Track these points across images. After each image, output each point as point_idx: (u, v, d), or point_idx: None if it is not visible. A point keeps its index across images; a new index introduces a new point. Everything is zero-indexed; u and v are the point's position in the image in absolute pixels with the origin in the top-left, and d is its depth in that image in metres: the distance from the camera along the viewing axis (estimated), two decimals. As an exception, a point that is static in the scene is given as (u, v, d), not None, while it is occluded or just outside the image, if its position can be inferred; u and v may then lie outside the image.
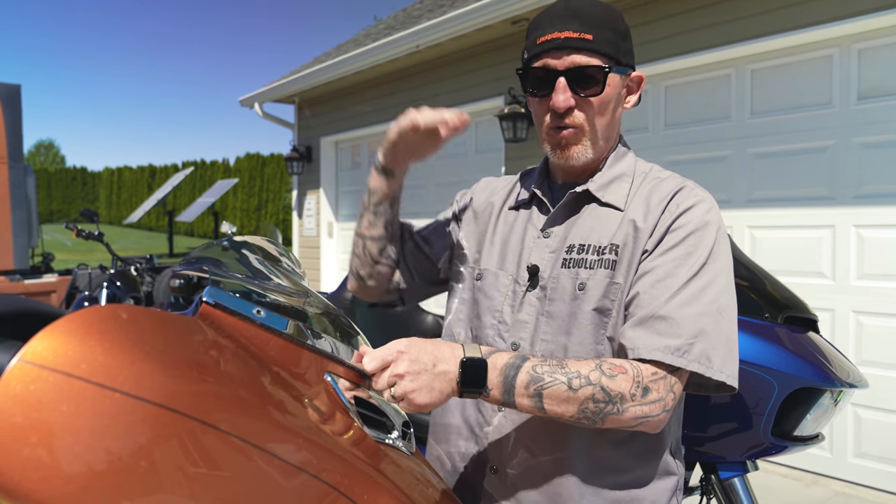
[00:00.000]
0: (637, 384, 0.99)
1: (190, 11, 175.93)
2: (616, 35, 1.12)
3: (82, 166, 37.52)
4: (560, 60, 1.10)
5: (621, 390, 0.98)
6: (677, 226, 1.08)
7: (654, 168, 1.22)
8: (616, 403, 0.98)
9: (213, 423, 0.63)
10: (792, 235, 3.87)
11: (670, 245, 1.07)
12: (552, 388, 0.97)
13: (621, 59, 1.13)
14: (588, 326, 1.10)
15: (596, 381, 0.97)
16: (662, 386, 1.00)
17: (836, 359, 1.76)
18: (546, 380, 0.97)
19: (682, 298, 1.02)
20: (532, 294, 1.17)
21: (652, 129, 4.55)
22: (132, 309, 0.64)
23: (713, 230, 1.09)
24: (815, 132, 3.77)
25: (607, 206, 1.16)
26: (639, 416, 0.99)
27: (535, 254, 1.19)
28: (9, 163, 8.19)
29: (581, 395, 0.97)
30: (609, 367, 0.99)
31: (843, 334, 3.65)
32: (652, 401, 0.99)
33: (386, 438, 0.92)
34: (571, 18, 1.10)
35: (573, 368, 0.98)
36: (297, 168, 7.96)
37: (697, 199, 1.11)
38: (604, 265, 1.10)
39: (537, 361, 0.99)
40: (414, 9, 7.71)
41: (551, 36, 1.10)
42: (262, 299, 0.88)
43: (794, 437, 1.75)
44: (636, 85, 1.20)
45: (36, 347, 0.56)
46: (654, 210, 1.11)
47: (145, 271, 6.27)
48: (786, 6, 3.76)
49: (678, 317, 1.01)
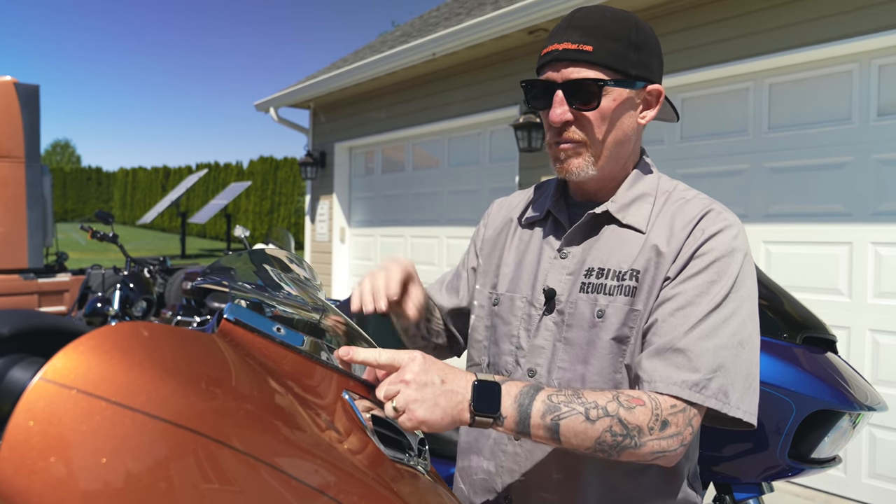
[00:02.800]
0: (656, 417, 0.95)
1: (208, 16, 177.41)
2: (625, 46, 1.06)
3: (97, 166, 37.87)
4: (559, 73, 1.07)
5: (639, 423, 0.94)
6: (702, 252, 1.04)
7: (678, 186, 1.17)
8: (634, 437, 0.94)
9: (232, 444, 0.63)
10: (808, 252, 3.83)
11: (694, 272, 1.03)
12: (569, 419, 0.94)
13: (630, 70, 1.07)
14: (606, 356, 1.07)
15: (614, 413, 0.94)
16: (681, 420, 0.97)
17: (855, 381, 1.74)
18: (563, 409, 0.94)
19: (703, 330, 0.99)
20: (549, 318, 1.14)
21: (668, 142, 4.53)
22: (153, 327, 0.64)
23: (740, 257, 1.05)
24: (834, 148, 3.74)
25: (628, 227, 1.12)
26: (656, 451, 0.96)
27: (551, 275, 1.16)
28: (26, 162, 8.27)
29: (598, 427, 0.94)
30: (627, 399, 0.96)
31: (860, 353, 3.61)
32: (670, 435, 0.96)
33: (402, 457, 0.91)
34: (574, 30, 1.06)
35: (590, 399, 0.95)
36: (310, 173, 7.99)
37: (725, 224, 1.06)
38: (623, 291, 1.07)
39: (552, 391, 0.96)
40: (431, 16, 7.73)
41: (552, 48, 1.07)
42: (281, 315, 0.87)
43: (811, 459, 1.73)
44: (654, 99, 1.14)
45: (57, 366, 0.56)
46: (679, 234, 1.07)
47: (158, 273, 6.31)
48: (806, 21, 3.74)
49: (697, 350, 0.98)
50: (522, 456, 1.14)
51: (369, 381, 0.96)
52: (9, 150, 8.11)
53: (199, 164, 27.61)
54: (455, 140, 6.42)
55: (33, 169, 8.36)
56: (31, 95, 8.27)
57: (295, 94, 7.66)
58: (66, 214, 35.09)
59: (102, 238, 4.91)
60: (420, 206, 6.85)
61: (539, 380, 1.14)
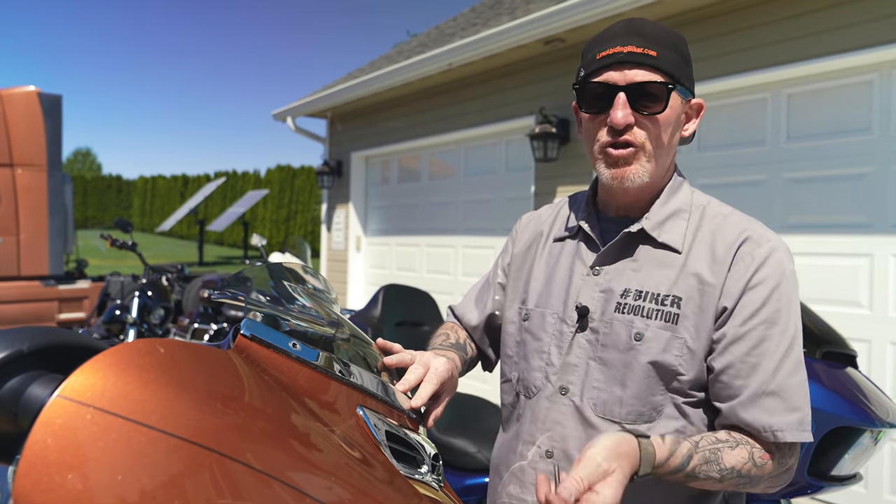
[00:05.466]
0: (780, 465, 1.03)
1: (227, 27, 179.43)
2: (679, 57, 1.08)
3: (118, 174, 38.37)
4: (622, 74, 1.05)
5: (764, 474, 1.02)
6: (756, 282, 1.03)
7: (711, 202, 1.16)
8: (755, 482, 1.02)
9: (246, 461, 0.63)
10: (828, 263, 3.78)
11: (757, 306, 1.03)
12: (703, 481, 0.99)
13: (684, 81, 1.08)
14: (644, 379, 1.06)
15: (745, 474, 1.00)
16: (792, 457, 1.05)
17: (876, 396, 1.71)
18: (700, 477, 0.98)
19: (788, 368, 1.03)
20: (581, 336, 1.13)
21: (685, 152, 4.50)
22: (169, 343, 0.64)
23: (792, 280, 1.06)
24: (854, 158, 3.70)
25: (663, 246, 1.10)
26: (768, 486, 1.05)
27: (584, 292, 1.14)
28: (48, 171, 8.40)
29: (727, 485, 1.01)
30: (760, 457, 1.01)
31: (881, 366, 3.55)
32: (784, 470, 1.04)
33: (416, 473, 0.91)
34: (635, 35, 1.06)
35: (727, 465, 0.99)
36: (327, 182, 8.03)
37: (771, 248, 1.05)
38: (663, 317, 1.05)
39: (697, 461, 0.98)
40: (447, 26, 7.76)
41: (613, 50, 1.05)
42: (297, 330, 0.87)
43: (831, 476, 1.70)
44: (695, 112, 1.15)
45: (74, 383, 0.57)
46: (722, 260, 1.06)
47: (176, 281, 6.36)
48: (825, 31, 3.70)
49: (790, 389, 1.02)
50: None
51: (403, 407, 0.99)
52: (31, 158, 8.24)
53: (217, 172, 27.87)
54: (471, 150, 6.42)
55: (55, 177, 8.48)
56: (53, 105, 8.41)
57: (312, 104, 7.71)
58: (86, 221, 35.56)
59: (122, 246, 4.97)
60: (436, 215, 6.86)
61: (572, 399, 1.13)
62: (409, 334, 3.03)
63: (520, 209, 5.77)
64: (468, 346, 1.35)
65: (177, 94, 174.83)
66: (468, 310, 1.39)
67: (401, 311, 3.04)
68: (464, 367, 1.30)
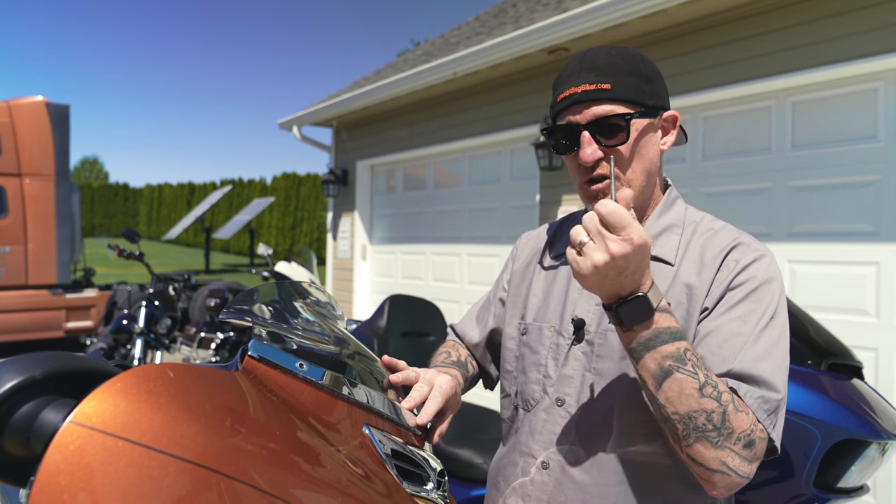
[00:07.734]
0: (749, 433, 0.95)
1: (234, 36, 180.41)
2: (638, 79, 1.09)
3: (124, 182, 38.56)
4: (581, 115, 1.08)
5: (734, 428, 0.94)
6: (739, 282, 1.05)
7: (705, 217, 1.18)
8: (721, 437, 0.94)
9: (254, 483, 0.64)
10: (834, 271, 3.78)
11: (733, 303, 1.04)
12: (684, 377, 0.93)
13: (647, 101, 1.10)
14: (639, 389, 1.07)
15: (724, 403, 0.94)
16: (760, 449, 0.97)
17: (882, 408, 1.71)
18: (686, 366, 0.93)
19: (756, 353, 1.00)
20: (577, 348, 1.15)
21: (689, 160, 4.51)
22: (178, 367, 0.66)
23: (777, 286, 1.06)
24: (859, 166, 3.69)
25: (656, 259, 1.13)
26: (723, 462, 0.95)
27: (580, 306, 1.17)
28: (56, 181, 8.46)
29: (701, 404, 0.93)
30: (740, 402, 0.96)
31: (888, 375, 3.54)
32: (745, 456, 0.95)
33: (421, 490, 0.92)
34: (587, 71, 1.08)
35: (714, 379, 0.95)
36: (332, 190, 8.06)
37: (758, 254, 1.07)
38: None
39: (691, 348, 0.95)
40: (452, 35, 7.79)
41: (569, 92, 1.09)
42: (303, 349, 0.88)
43: (837, 488, 1.70)
44: (671, 124, 1.17)
45: (86, 409, 0.58)
46: (709, 265, 1.08)
47: (182, 290, 6.40)
48: (829, 39, 3.71)
49: (757, 372, 0.99)
50: (550, 485, 1.14)
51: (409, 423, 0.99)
52: (39, 168, 8.31)
53: (223, 180, 27.98)
54: (476, 158, 6.44)
55: (63, 187, 8.55)
56: (61, 115, 8.48)
57: (318, 113, 7.75)
58: (93, 230, 35.75)
59: (129, 256, 5.01)
60: (441, 223, 6.87)
61: (568, 410, 1.14)
62: (415, 345, 3.03)
63: (525, 218, 5.78)
64: (469, 363, 1.38)
65: (183, 103, 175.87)
66: (469, 328, 1.42)
67: (406, 322, 3.05)
68: (466, 384, 1.32)
